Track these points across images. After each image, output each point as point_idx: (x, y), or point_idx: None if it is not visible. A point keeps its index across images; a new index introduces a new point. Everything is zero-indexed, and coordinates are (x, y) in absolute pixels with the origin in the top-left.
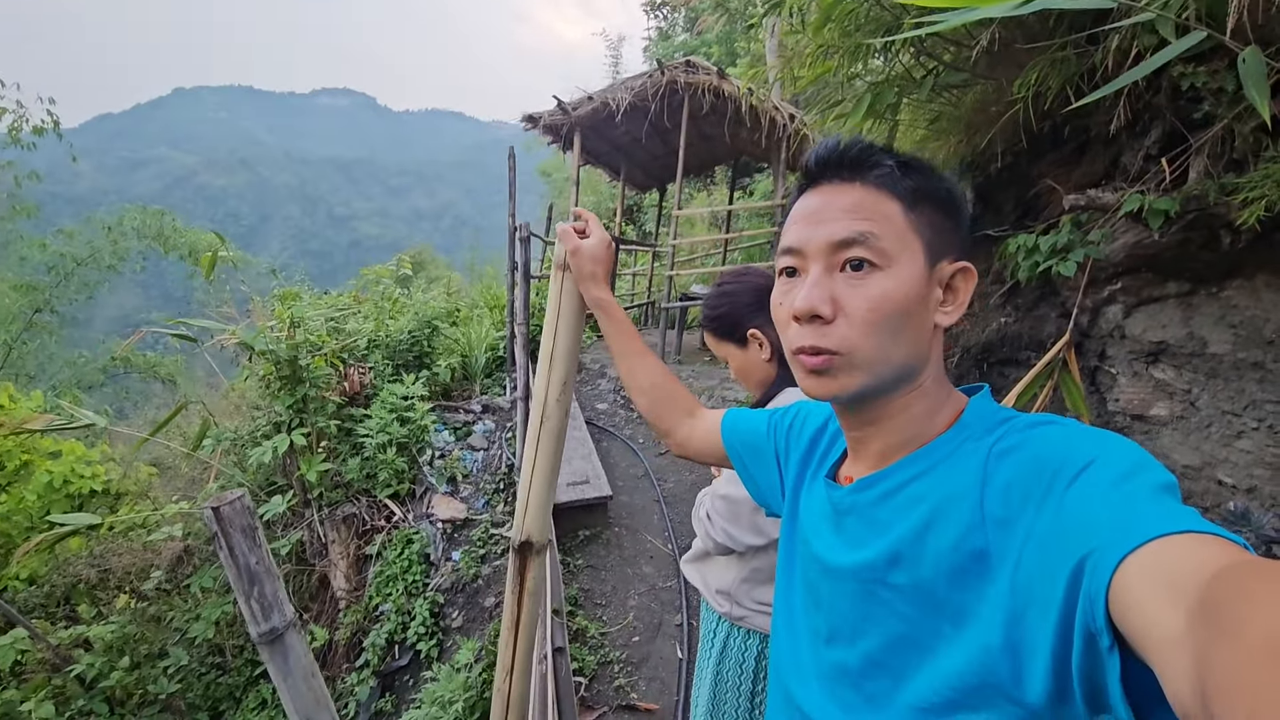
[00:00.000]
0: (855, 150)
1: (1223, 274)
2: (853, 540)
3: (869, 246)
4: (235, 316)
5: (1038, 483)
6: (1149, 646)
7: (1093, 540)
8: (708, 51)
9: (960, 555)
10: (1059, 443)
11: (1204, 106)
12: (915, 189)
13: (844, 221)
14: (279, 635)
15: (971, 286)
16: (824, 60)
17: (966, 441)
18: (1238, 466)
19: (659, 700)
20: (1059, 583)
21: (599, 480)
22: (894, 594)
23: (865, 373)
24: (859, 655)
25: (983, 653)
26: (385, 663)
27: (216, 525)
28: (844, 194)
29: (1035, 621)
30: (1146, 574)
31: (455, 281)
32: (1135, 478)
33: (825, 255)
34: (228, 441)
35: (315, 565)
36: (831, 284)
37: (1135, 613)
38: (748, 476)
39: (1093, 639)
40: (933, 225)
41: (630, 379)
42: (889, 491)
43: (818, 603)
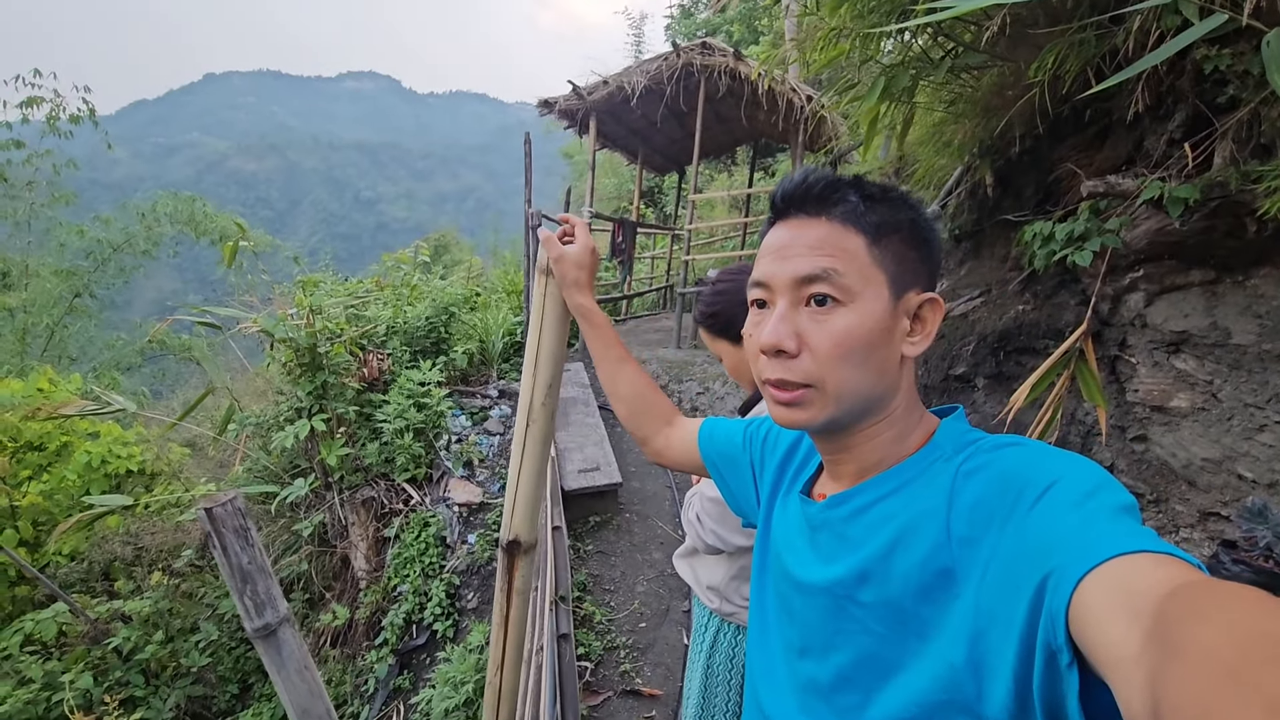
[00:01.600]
0: (820, 186)
1: (1249, 262)
2: (825, 556)
3: (831, 283)
4: (257, 304)
5: (1002, 503)
6: (1105, 663)
7: (1054, 559)
8: (729, 30)
9: (927, 573)
10: (1023, 463)
11: (1229, 90)
12: (880, 223)
13: (808, 258)
14: (272, 630)
15: (939, 318)
16: (837, 43)
17: (936, 462)
18: (1259, 461)
19: (663, 686)
20: (1022, 601)
21: (610, 467)
22: (864, 611)
23: (831, 405)
24: (830, 670)
25: (947, 670)
26: (403, 642)
27: (210, 525)
28: (809, 229)
29: (998, 639)
30: (1104, 592)
31: (476, 265)
32: (1096, 498)
33: (790, 290)
34: (251, 426)
35: (337, 546)
36: (797, 319)
37: (1093, 630)
38: (724, 486)
39: (1053, 656)
40: (898, 258)
41: (611, 386)
42: (860, 509)
43: (790, 615)
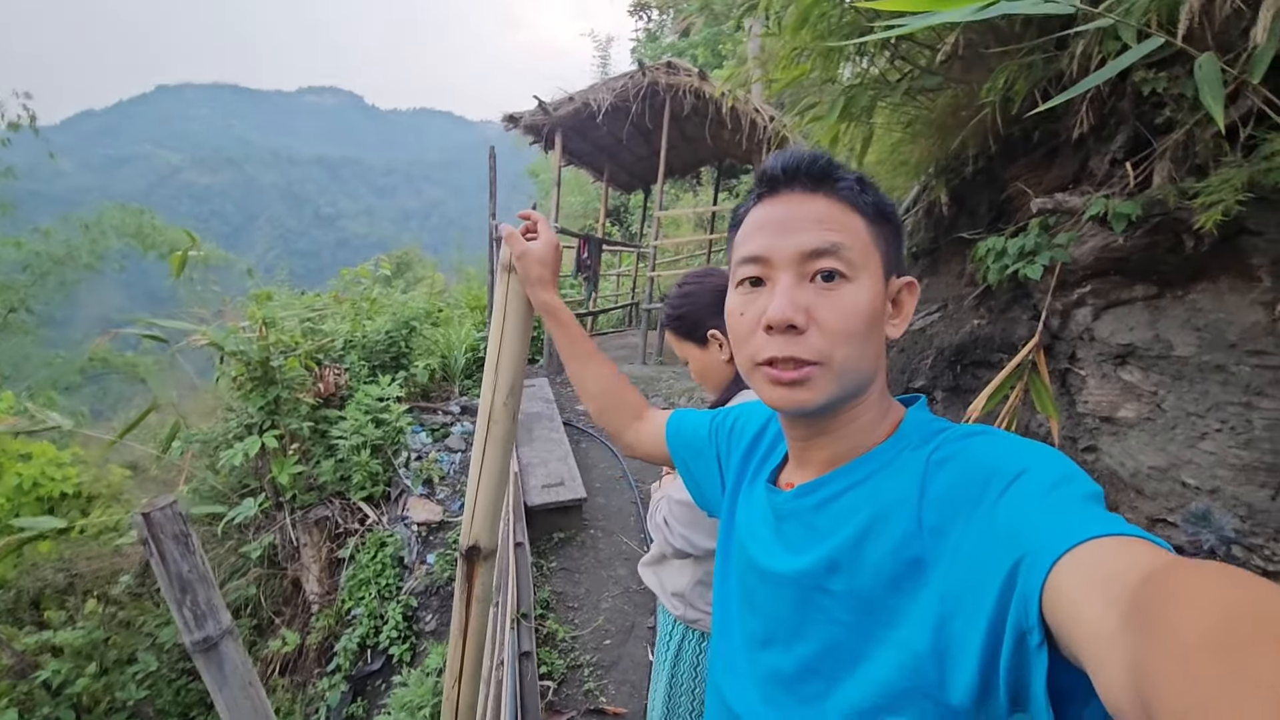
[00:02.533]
0: (822, 161)
1: (1188, 277)
2: (792, 546)
3: (840, 257)
4: (208, 318)
5: (970, 491)
6: (1081, 644)
7: (1026, 544)
8: (694, 54)
9: (898, 562)
10: (992, 452)
11: (1166, 112)
12: (874, 205)
13: (815, 231)
14: (214, 644)
15: (915, 301)
16: (799, 63)
17: (904, 451)
18: (1201, 468)
19: (628, 704)
20: (992, 586)
21: (574, 482)
22: (832, 600)
23: (835, 383)
24: (795, 660)
25: (911, 657)
26: (357, 667)
27: (147, 531)
28: (809, 204)
29: (964, 624)
30: (1080, 574)
31: (439, 282)
32: (1064, 487)
33: (795, 265)
34: (198, 444)
35: (287, 569)
36: (802, 293)
37: (1068, 611)
38: (690, 478)
39: (1023, 638)
40: (887, 241)
41: (581, 384)
42: (828, 498)
43: (753, 606)
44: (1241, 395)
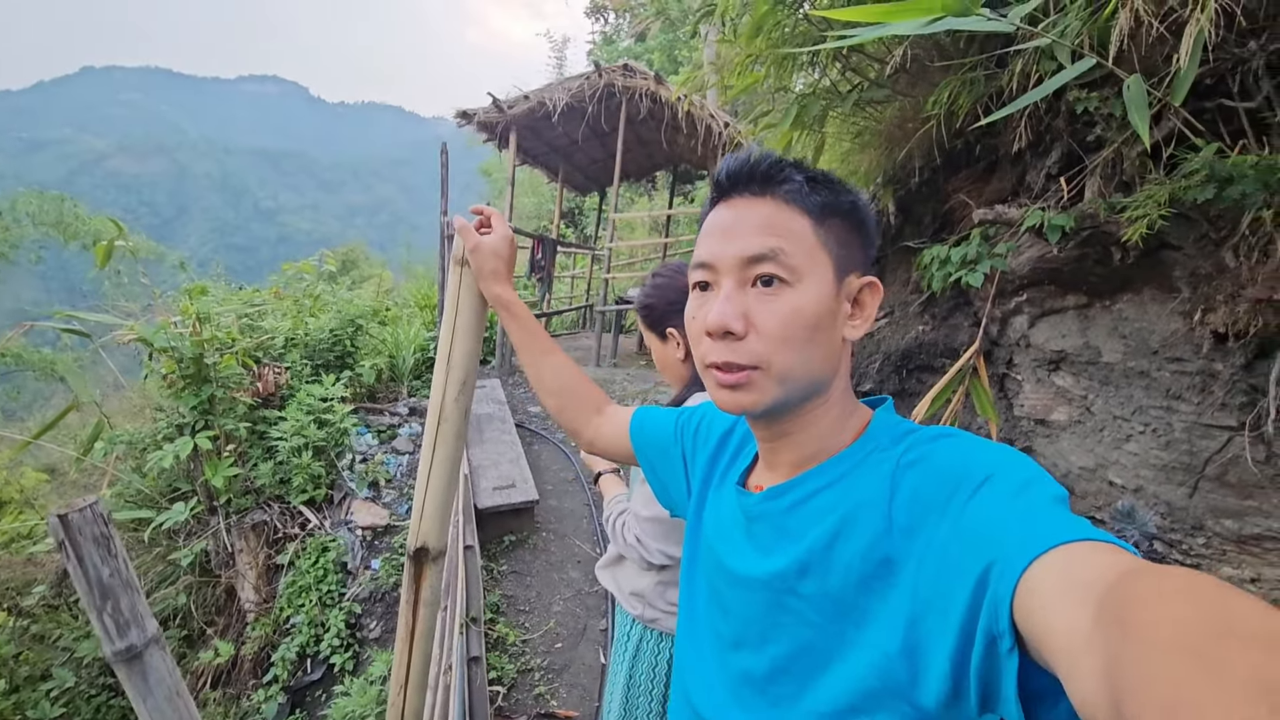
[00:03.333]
0: (765, 165)
1: (1115, 288)
2: (762, 548)
3: (779, 263)
4: (136, 313)
5: (940, 492)
6: (1053, 649)
7: (996, 549)
8: (649, 59)
9: (869, 563)
10: (961, 455)
11: (1097, 130)
12: (823, 204)
13: (755, 237)
14: (138, 653)
15: (878, 301)
16: (753, 70)
17: (874, 453)
18: (1126, 468)
19: (579, 707)
20: (964, 588)
21: (526, 484)
22: (803, 602)
23: (778, 387)
24: (766, 661)
25: (883, 658)
26: (295, 678)
27: (64, 534)
28: (754, 209)
29: (935, 625)
30: (1051, 579)
31: (387, 280)
32: (1031, 490)
33: (737, 270)
34: (123, 445)
35: (221, 576)
36: (743, 299)
37: (1039, 616)
38: (654, 477)
39: (994, 641)
40: (840, 240)
41: (538, 380)
42: (799, 501)
43: (723, 608)
44: (1162, 399)
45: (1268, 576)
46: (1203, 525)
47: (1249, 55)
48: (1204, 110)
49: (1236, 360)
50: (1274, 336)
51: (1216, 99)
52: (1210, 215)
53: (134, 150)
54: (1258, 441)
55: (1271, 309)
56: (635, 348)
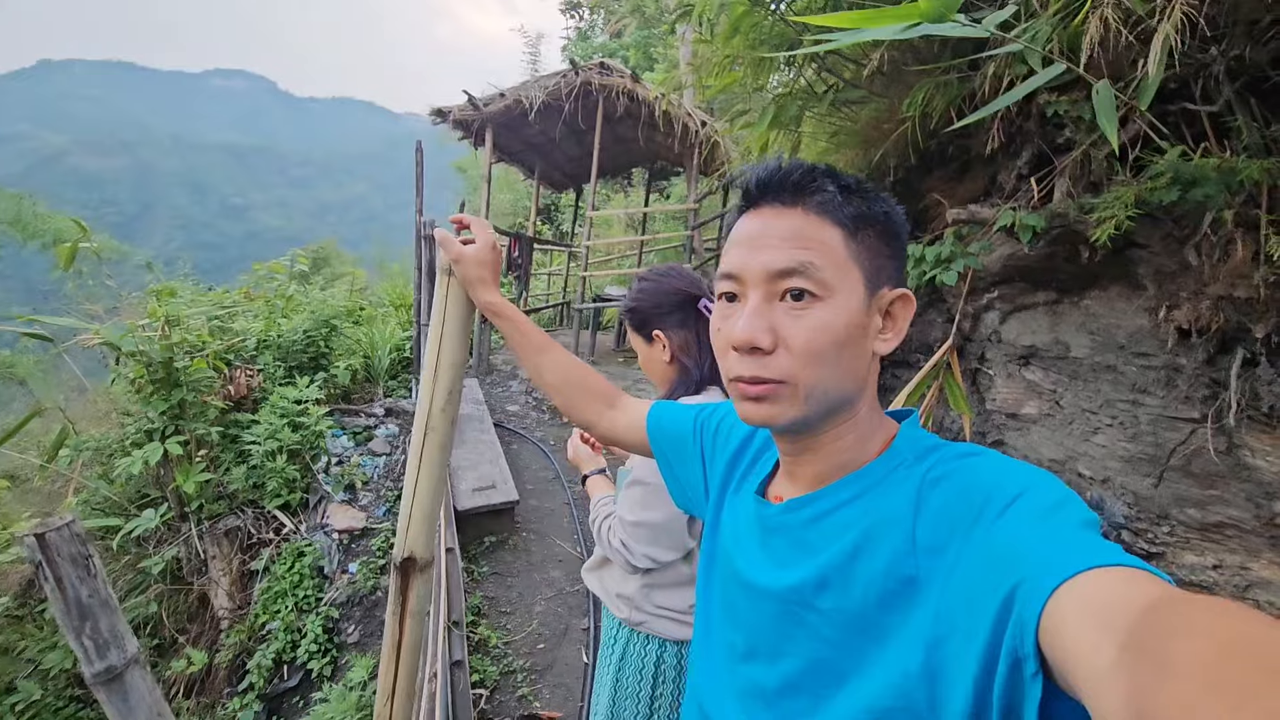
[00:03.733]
0: (797, 174)
1: (1084, 285)
2: (780, 560)
3: (809, 277)
4: (101, 315)
5: (966, 512)
6: (1079, 675)
7: (1023, 570)
8: (625, 56)
9: (891, 581)
10: (988, 474)
11: (1066, 132)
12: (857, 215)
13: (784, 250)
14: (118, 674)
15: (910, 313)
16: (731, 70)
17: (898, 468)
18: (1094, 460)
19: (563, 707)
20: (989, 610)
21: (506, 485)
22: (820, 618)
23: (805, 403)
24: (777, 676)
25: (901, 678)
26: (272, 685)
27: (41, 554)
28: (784, 219)
29: (958, 647)
30: (1079, 604)
31: (360, 278)
32: (1061, 512)
33: (764, 283)
34: (90, 451)
35: (193, 584)
36: (771, 314)
37: (1067, 641)
38: (669, 473)
39: (1018, 665)
40: (872, 252)
41: (539, 378)
42: (820, 515)
43: (735, 618)
44: (1129, 393)
45: (1229, 563)
46: (1168, 514)
47: (1210, 61)
48: (1169, 114)
49: (1199, 355)
50: (1235, 332)
51: (1180, 103)
52: (1175, 215)
53: (95, 146)
54: (1219, 433)
55: (1232, 305)
56: (613, 345)
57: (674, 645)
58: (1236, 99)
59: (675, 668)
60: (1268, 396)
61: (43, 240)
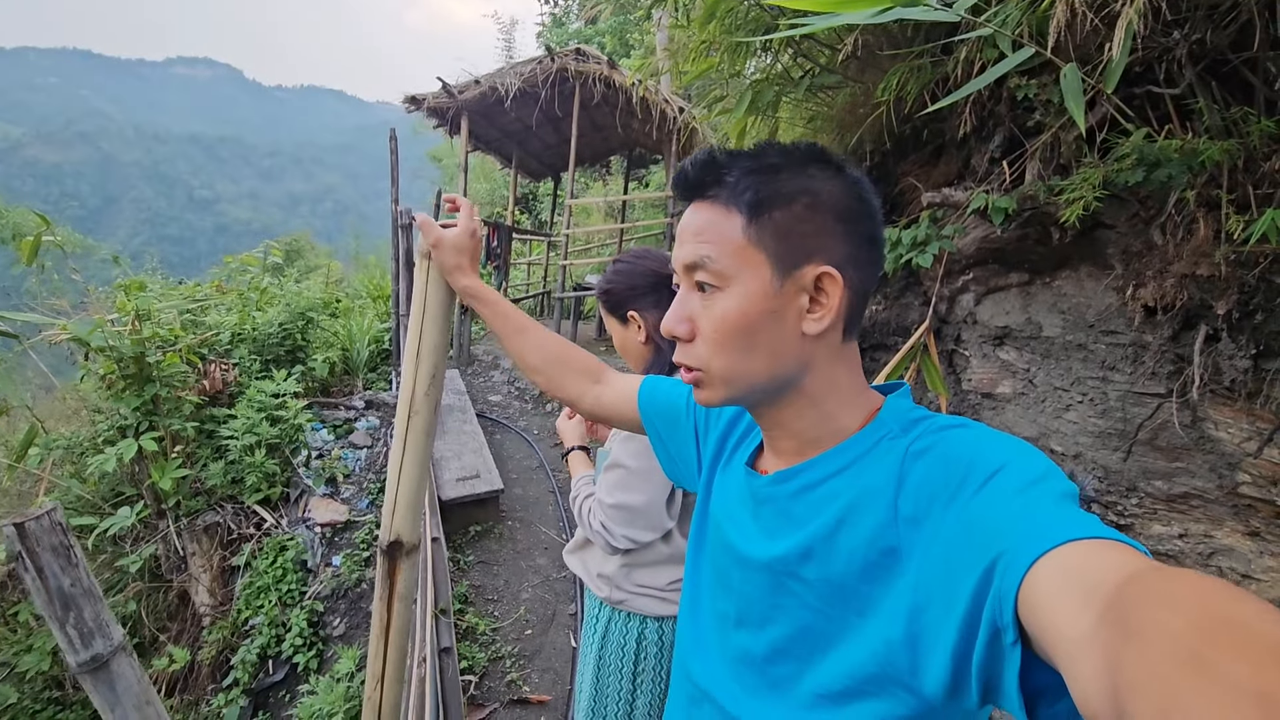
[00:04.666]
0: (696, 170)
1: (1054, 266)
2: (768, 531)
3: (707, 269)
4: (69, 310)
5: (947, 484)
6: (1057, 645)
7: (1004, 542)
8: (601, 42)
9: (873, 551)
10: (971, 445)
11: (1036, 116)
12: (758, 200)
13: (688, 245)
14: (104, 662)
15: (838, 291)
16: (707, 56)
17: (883, 440)
18: (1066, 436)
19: (551, 691)
20: (968, 581)
21: (490, 474)
22: (804, 587)
23: (725, 387)
24: (765, 642)
25: (884, 645)
26: (257, 680)
27: (20, 544)
28: (695, 214)
29: (937, 616)
30: (1057, 575)
31: (335, 270)
32: (1041, 485)
33: (685, 276)
34: (61, 450)
35: (173, 581)
36: (690, 304)
37: (1045, 612)
38: (662, 448)
39: (997, 635)
40: (782, 233)
41: (522, 359)
42: (805, 486)
43: (727, 587)
44: (1098, 370)
45: (1194, 531)
46: (1136, 487)
47: (1173, 45)
48: (1134, 97)
49: (1164, 332)
50: (1198, 309)
51: (1145, 86)
52: (1140, 196)
53: (54, 138)
54: (1184, 407)
55: (1195, 283)
56: (594, 334)
57: (655, 622)
58: (1198, 82)
59: (657, 644)
60: (1229, 371)
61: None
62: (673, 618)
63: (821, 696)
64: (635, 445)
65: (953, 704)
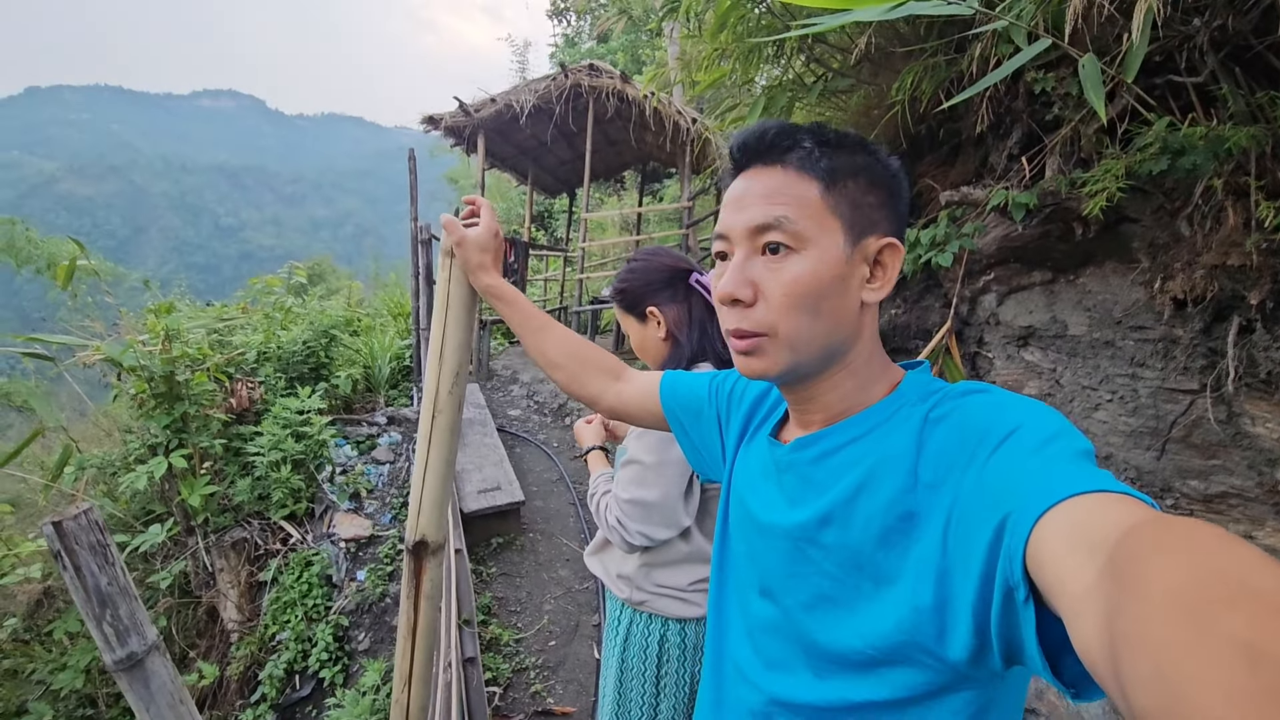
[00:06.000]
0: (773, 133)
1: (1078, 262)
2: (790, 498)
3: (783, 230)
4: (102, 332)
5: (964, 447)
6: (1061, 598)
7: (1013, 500)
8: (613, 59)
9: (890, 517)
10: (987, 409)
11: (1054, 109)
12: (834, 168)
13: (761, 206)
14: (139, 660)
15: (899, 262)
16: (720, 65)
17: (903, 408)
18: (1097, 436)
19: (576, 702)
20: (982, 540)
21: (511, 486)
22: (823, 554)
23: (786, 353)
24: (785, 610)
25: (913, 613)
26: (284, 695)
27: (59, 543)
28: (764, 178)
29: (959, 579)
30: (1062, 529)
31: (356, 291)
32: (1056, 443)
33: (747, 240)
34: (94, 469)
35: (202, 597)
36: (752, 268)
37: (1050, 566)
38: (686, 440)
39: (1010, 593)
40: (854, 203)
41: (542, 356)
42: (826, 452)
43: (750, 557)
44: (1127, 367)
45: (1234, 532)
46: (1171, 487)
47: (1194, 32)
48: (1155, 86)
49: (1195, 325)
50: (1229, 300)
51: (1166, 75)
52: (1165, 187)
53: (86, 172)
54: (1219, 402)
55: (1225, 274)
56: (612, 347)
57: (677, 624)
58: (1221, 68)
59: (679, 646)
60: (1265, 363)
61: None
62: (695, 620)
63: (844, 665)
64: (650, 440)
65: (978, 668)
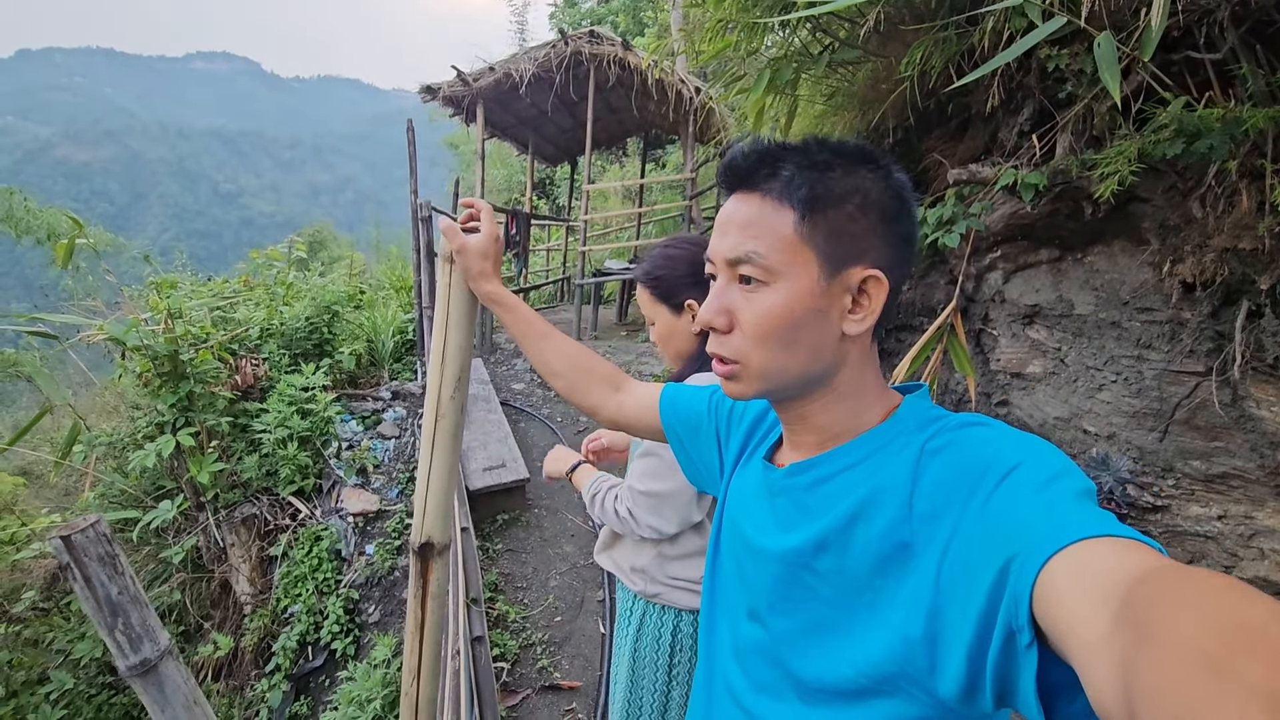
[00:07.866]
0: (752, 160)
1: (1086, 241)
2: (783, 523)
3: (754, 265)
4: (104, 310)
5: (964, 482)
6: (1072, 646)
7: (1019, 542)
8: (614, 21)
9: (885, 545)
10: (987, 444)
11: (1067, 87)
12: (814, 197)
13: (735, 237)
14: (152, 666)
15: (882, 294)
16: (724, 35)
17: (899, 436)
18: (1099, 416)
19: (582, 676)
20: (984, 581)
21: (516, 463)
22: (818, 579)
23: (760, 380)
24: (775, 634)
25: (903, 643)
26: (298, 665)
27: (68, 556)
28: (745, 206)
29: (955, 616)
30: (1071, 575)
31: (358, 262)
32: (1058, 483)
33: (725, 268)
34: (103, 446)
35: (214, 571)
36: (729, 296)
37: (1060, 612)
38: (684, 455)
39: (1012, 636)
40: (834, 232)
41: (542, 364)
42: (821, 479)
43: (740, 580)
44: (1133, 349)
45: (1233, 513)
46: (1172, 468)
47: (1214, 7)
48: (1172, 64)
49: (1204, 308)
50: (1239, 284)
51: (1184, 52)
52: (1178, 168)
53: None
54: (1224, 385)
55: (1236, 257)
56: (615, 319)
57: (689, 615)
58: (1241, 46)
59: (691, 637)
60: (1272, 348)
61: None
62: None
63: (833, 693)
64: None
65: (967, 707)
